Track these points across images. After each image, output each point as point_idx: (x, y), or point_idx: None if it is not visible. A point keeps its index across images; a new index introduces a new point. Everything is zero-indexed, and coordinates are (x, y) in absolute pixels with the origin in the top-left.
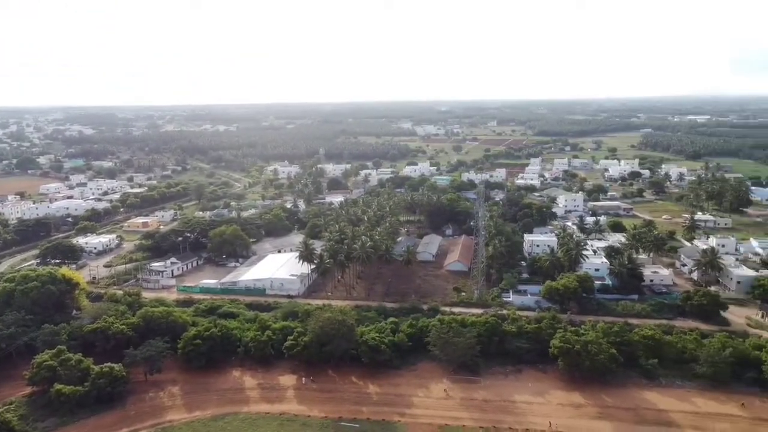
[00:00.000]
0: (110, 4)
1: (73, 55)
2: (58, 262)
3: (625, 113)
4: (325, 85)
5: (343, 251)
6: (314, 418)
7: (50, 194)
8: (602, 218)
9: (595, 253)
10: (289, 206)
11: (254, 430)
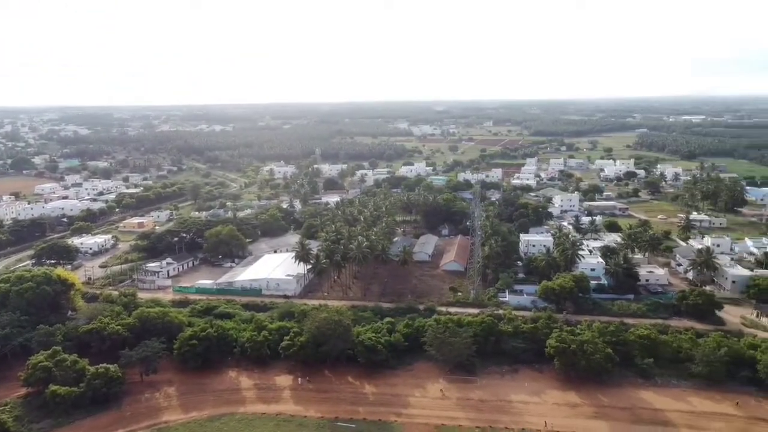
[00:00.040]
0: (110, 4)
1: (72, 55)
2: (53, 262)
3: (620, 113)
4: (321, 85)
5: (339, 251)
6: (311, 418)
7: (45, 194)
8: (598, 218)
9: (590, 252)
10: (285, 206)
11: (250, 430)
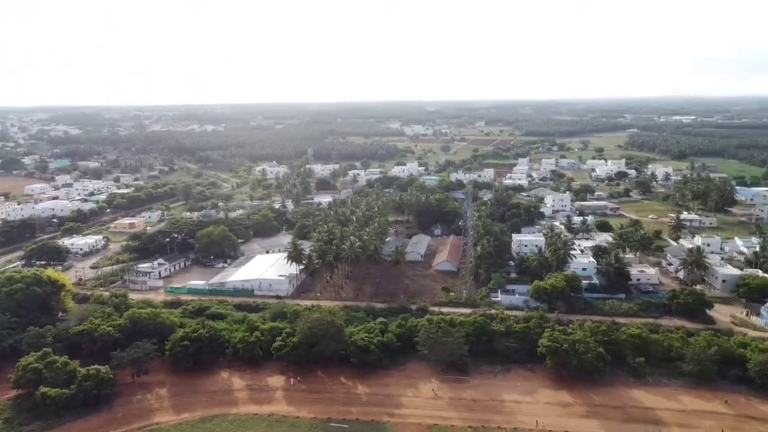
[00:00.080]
0: (110, 4)
1: (72, 55)
2: (43, 263)
3: (611, 114)
4: (313, 85)
5: (331, 252)
6: (303, 419)
7: (35, 195)
8: (589, 218)
9: (582, 252)
10: (277, 207)
11: (243, 431)
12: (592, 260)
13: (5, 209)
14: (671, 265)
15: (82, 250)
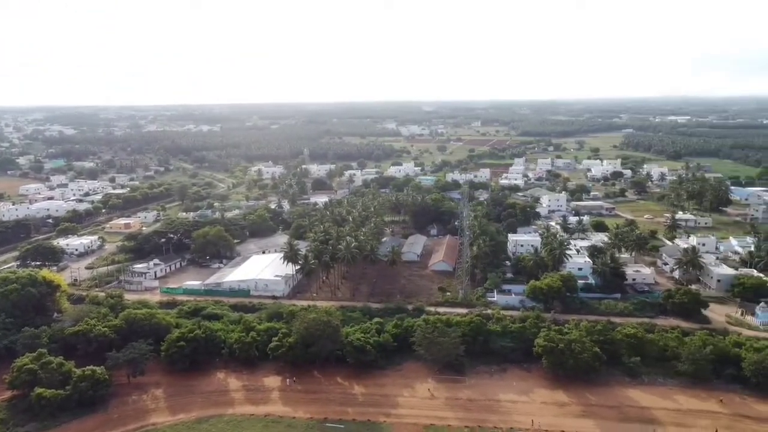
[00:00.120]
0: (110, 4)
1: (72, 55)
2: (38, 264)
3: (607, 114)
4: (310, 85)
5: (327, 252)
6: (299, 419)
7: (30, 195)
8: (585, 218)
9: (578, 252)
10: (273, 207)
11: None
12: (587, 260)
13: (0, 210)
14: (667, 264)
15: (77, 250)
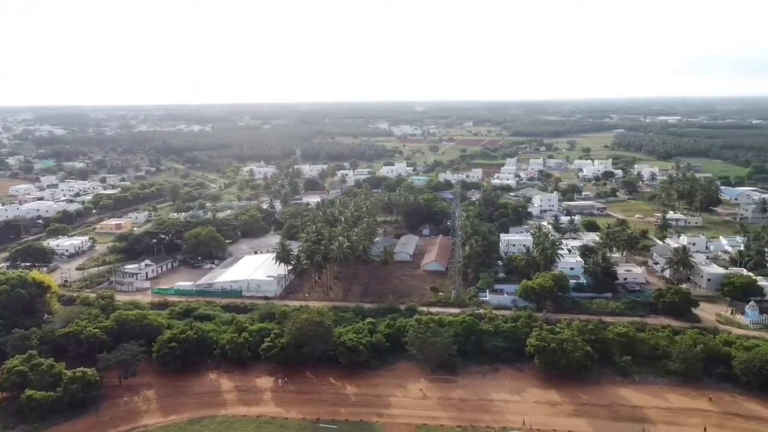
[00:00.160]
0: (110, 4)
1: (72, 55)
2: (28, 265)
3: (598, 114)
4: (302, 85)
5: (320, 252)
6: (292, 419)
7: (20, 196)
8: (577, 218)
9: (569, 252)
10: (265, 207)
11: None
12: (579, 260)
13: None
14: (657, 264)
15: (67, 251)
